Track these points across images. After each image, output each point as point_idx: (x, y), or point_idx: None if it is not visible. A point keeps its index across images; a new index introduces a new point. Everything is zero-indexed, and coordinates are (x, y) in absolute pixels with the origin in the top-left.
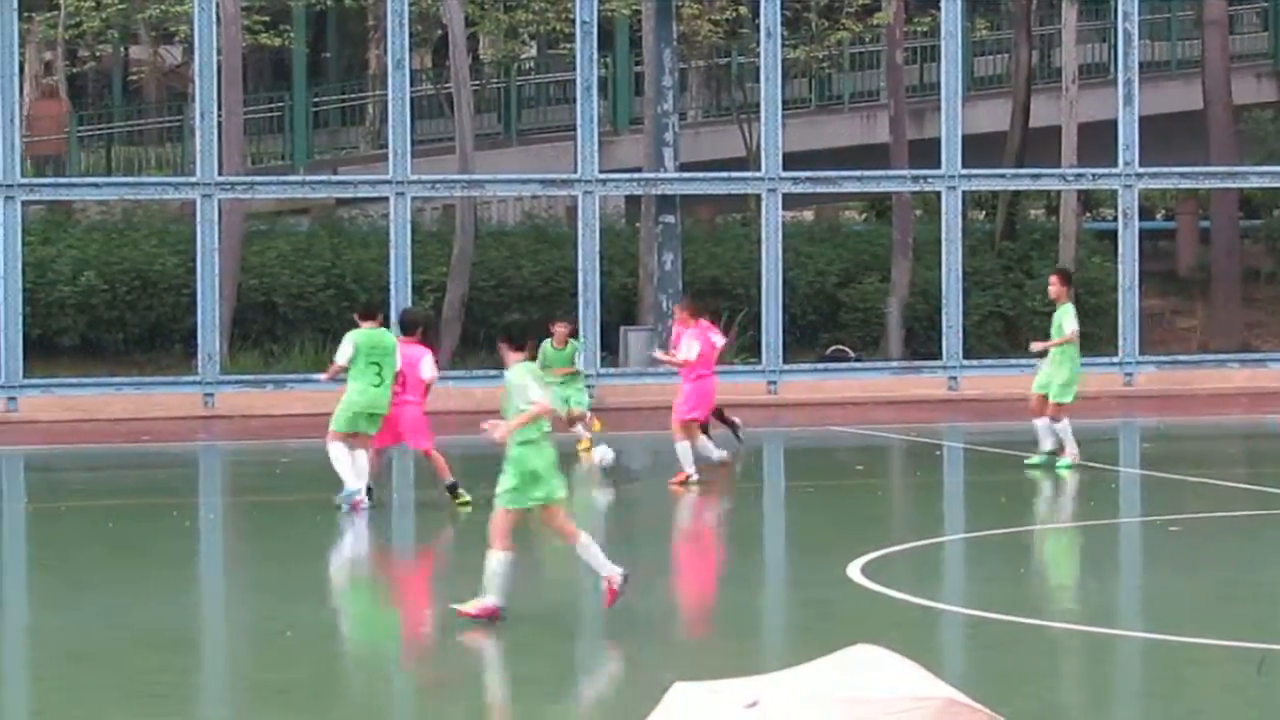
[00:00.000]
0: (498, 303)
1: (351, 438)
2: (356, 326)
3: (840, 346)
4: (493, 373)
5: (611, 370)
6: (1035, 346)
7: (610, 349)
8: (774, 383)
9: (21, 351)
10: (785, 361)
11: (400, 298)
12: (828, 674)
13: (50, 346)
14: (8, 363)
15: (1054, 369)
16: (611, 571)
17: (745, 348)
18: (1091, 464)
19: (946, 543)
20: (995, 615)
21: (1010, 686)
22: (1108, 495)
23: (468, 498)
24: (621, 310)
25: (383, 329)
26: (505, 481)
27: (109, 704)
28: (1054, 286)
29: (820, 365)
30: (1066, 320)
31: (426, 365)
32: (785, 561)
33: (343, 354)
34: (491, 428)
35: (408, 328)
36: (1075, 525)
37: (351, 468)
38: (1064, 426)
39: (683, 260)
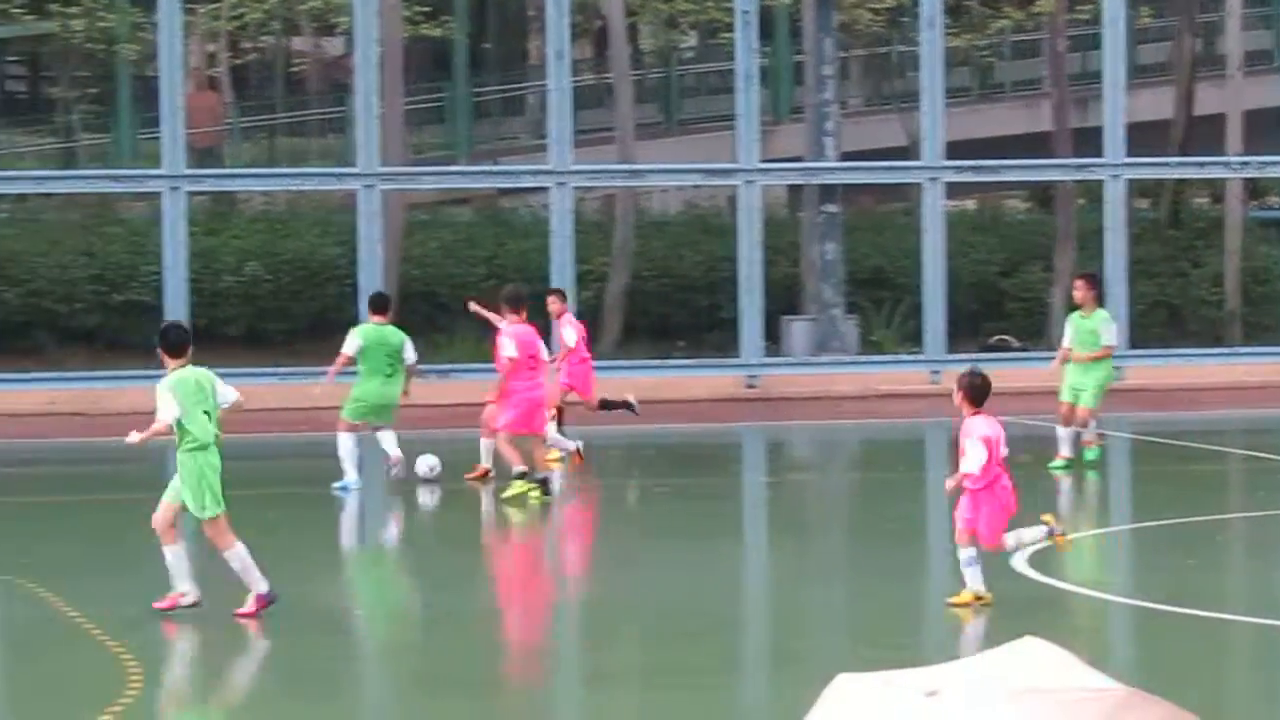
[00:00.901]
0: (659, 293)
1: (358, 427)
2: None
3: (1003, 336)
4: (654, 362)
5: (774, 360)
6: (1076, 358)
7: (773, 338)
8: (937, 372)
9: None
10: (948, 351)
11: (563, 287)
12: (998, 666)
13: (215, 336)
14: None
15: (1083, 376)
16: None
17: (908, 337)
18: (1259, 454)
19: (1113, 533)
20: (1163, 606)
21: (1182, 679)
22: (1277, 487)
23: (530, 489)
24: (783, 300)
25: (391, 325)
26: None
27: (269, 689)
28: (1080, 291)
29: (983, 355)
30: (1106, 332)
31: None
32: (949, 552)
33: (350, 346)
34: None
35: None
36: (1244, 516)
37: (355, 461)
38: (1090, 426)
39: (844, 249)
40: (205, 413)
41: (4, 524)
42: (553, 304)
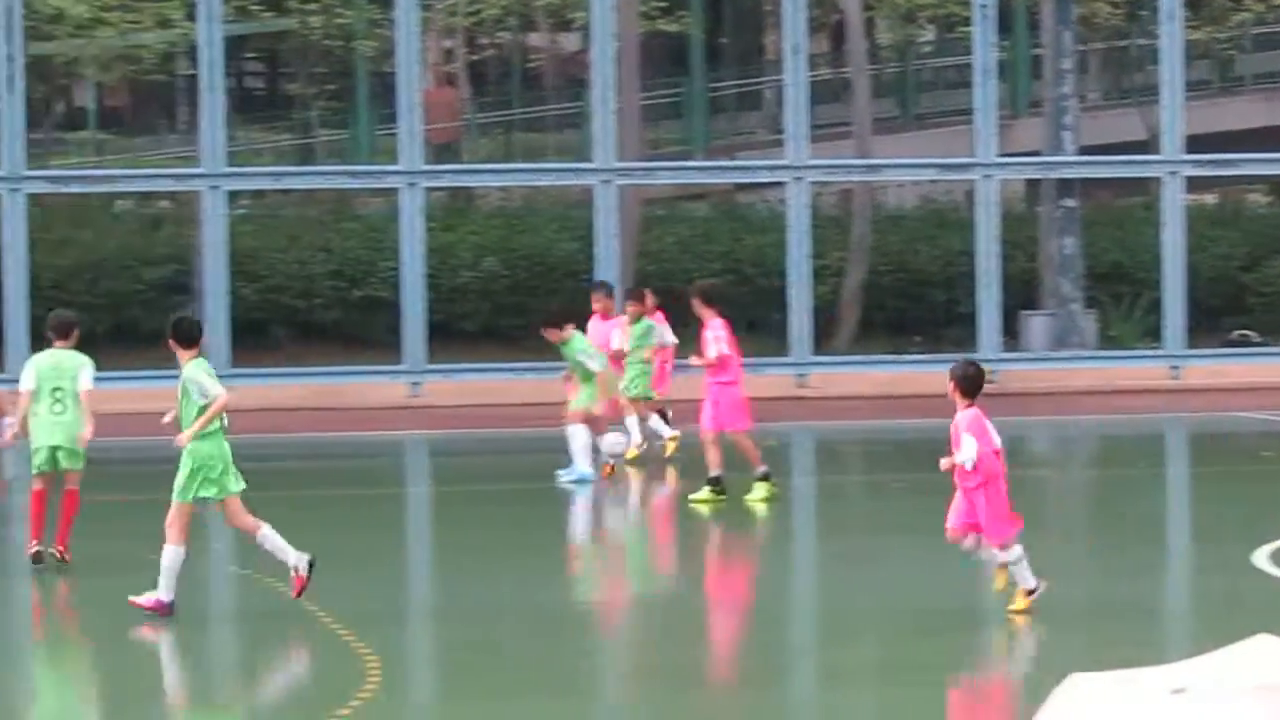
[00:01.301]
0: (895, 287)
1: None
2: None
3: (1245, 331)
4: (891, 358)
5: (1012, 354)
6: None
7: (1010, 333)
8: (1177, 367)
9: (426, 337)
10: (1188, 346)
11: (800, 282)
12: (1234, 663)
13: (452, 332)
14: (412, 348)
15: None
16: (297, 559)
17: (1147, 332)
18: None
19: None
20: None
21: None
22: None
23: (763, 493)
24: (1021, 294)
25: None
26: (180, 476)
27: (515, 687)
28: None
29: (1224, 350)
30: None
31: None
32: (1188, 549)
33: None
34: (172, 425)
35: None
36: None
37: (588, 454)
38: None
39: (1083, 244)
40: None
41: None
42: (598, 303)
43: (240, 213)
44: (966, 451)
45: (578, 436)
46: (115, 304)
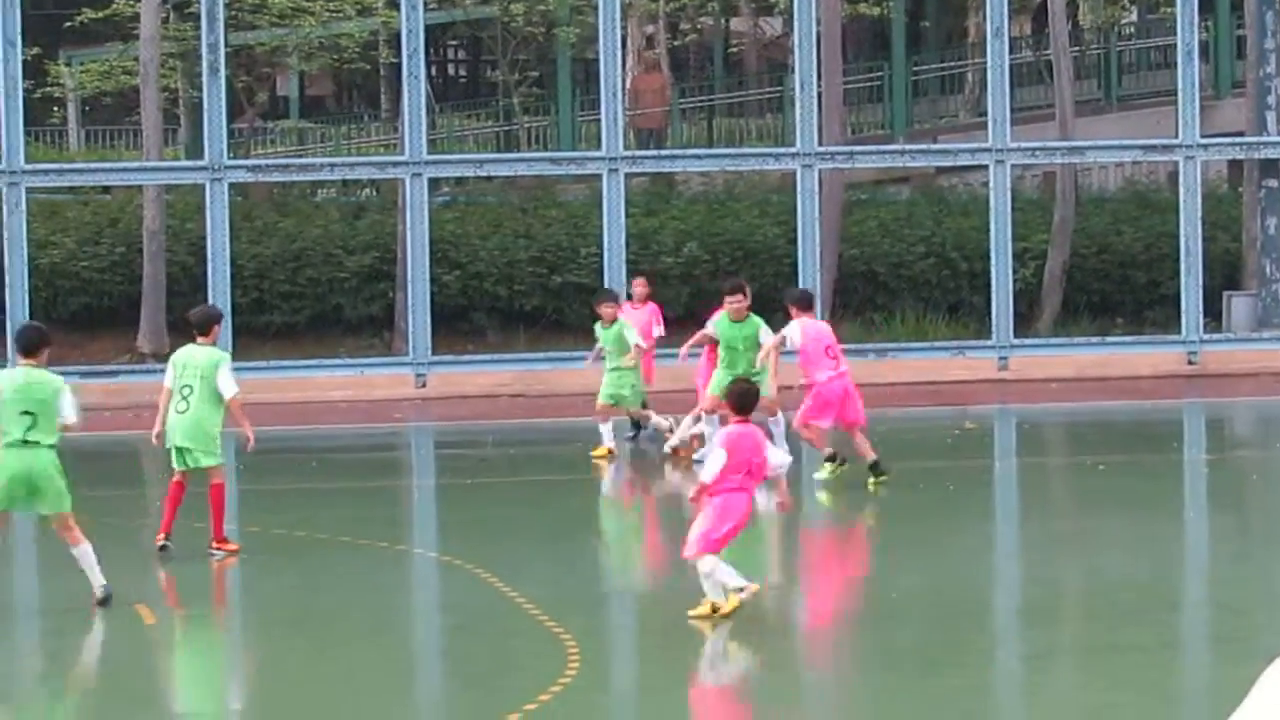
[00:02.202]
0: (1099, 269)
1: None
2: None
3: None
4: (1095, 339)
5: (1215, 336)
6: None
7: (1213, 315)
8: None
9: None
10: None
11: (1002, 265)
12: None
13: None
14: None
15: None
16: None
17: None
18: None
19: None
20: None
21: None
22: None
23: (884, 476)
24: (1225, 275)
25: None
26: None
27: (689, 670)
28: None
29: None
30: None
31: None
32: None
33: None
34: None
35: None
36: None
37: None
38: None
39: None
40: None
41: (446, 506)
42: (639, 288)
43: (442, 200)
44: (708, 468)
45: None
46: (318, 292)
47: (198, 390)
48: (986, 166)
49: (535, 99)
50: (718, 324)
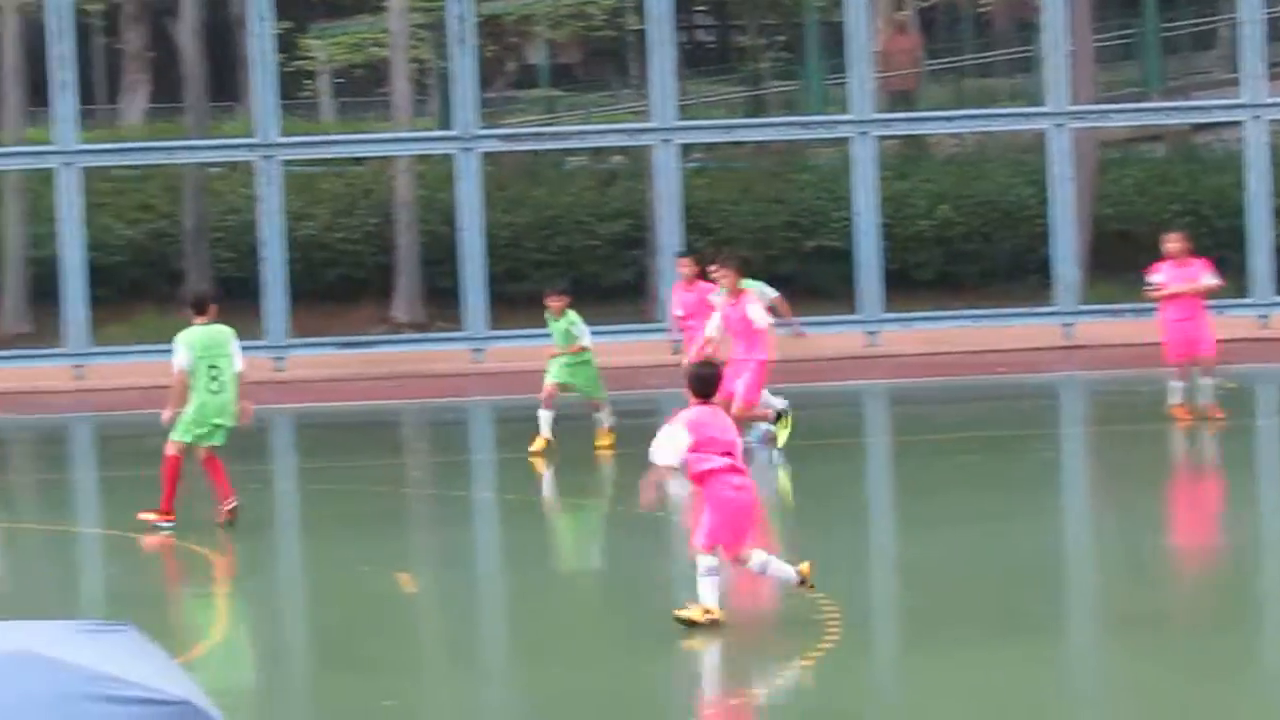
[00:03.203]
0: None
1: None
2: None
3: None
4: None
5: None
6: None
7: None
8: None
9: (881, 286)
10: None
11: (1259, 222)
12: None
13: (908, 281)
14: (868, 297)
15: None
16: None
17: None
18: None
19: None
20: None
21: None
22: None
23: None
24: None
25: None
26: None
27: (976, 636)
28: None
29: None
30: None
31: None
32: None
33: None
34: None
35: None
36: None
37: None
38: None
39: None
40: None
41: None
42: (685, 267)
43: (693, 166)
44: (659, 447)
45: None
46: (570, 260)
47: (225, 368)
48: (1242, 122)
49: (783, 63)
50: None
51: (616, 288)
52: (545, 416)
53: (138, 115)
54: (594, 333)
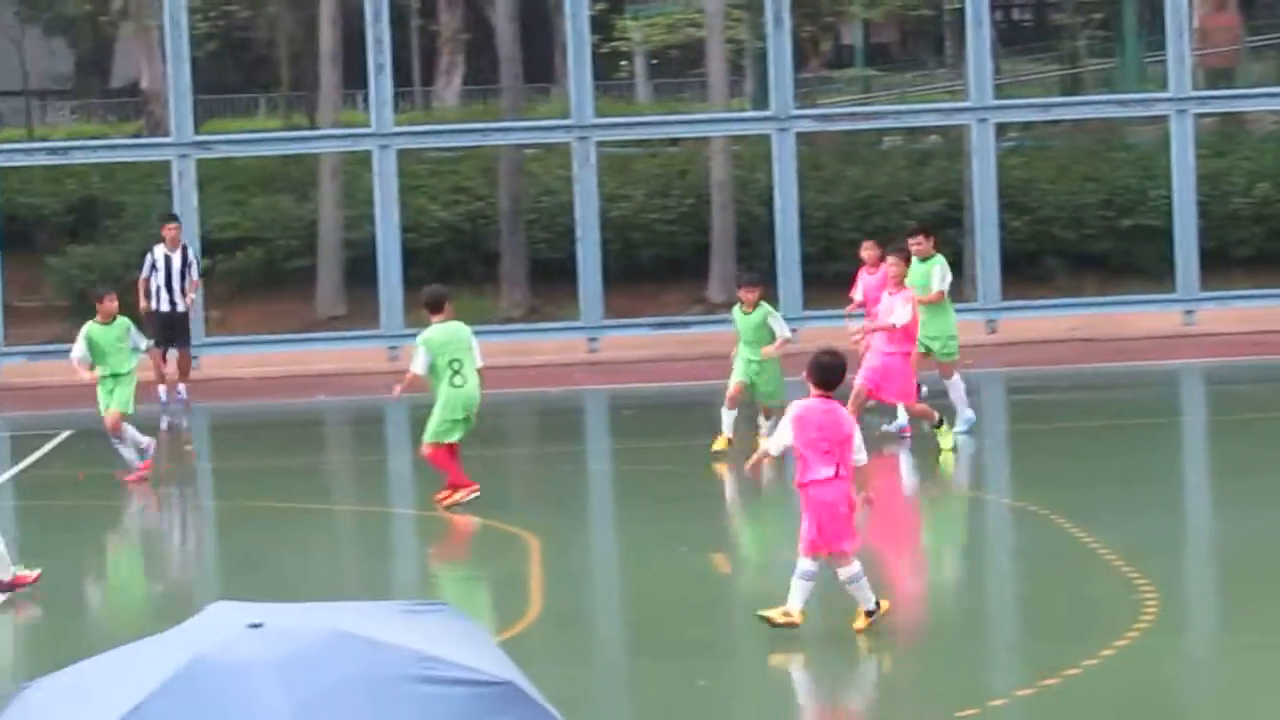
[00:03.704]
0: None
1: None
2: None
3: None
4: None
5: None
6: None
7: None
8: None
9: (1198, 264)
10: None
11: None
12: None
13: (1225, 259)
14: (1185, 276)
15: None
16: None
17: None
18: None
19: None
20: None
21: None
22: None
23: None
24: None
25: None
26: None
27: None
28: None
29: None
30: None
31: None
32: None
33: None
34: None
35: None
36: None
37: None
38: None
39: None
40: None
41: (1020, 452)
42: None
43: (1009, 145)
44: (774, 439)
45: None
46: (886, 240)
47: (466, 363)
48: None
49: (1100, 40)
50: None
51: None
52: (729, 416)
53: (453, 98)
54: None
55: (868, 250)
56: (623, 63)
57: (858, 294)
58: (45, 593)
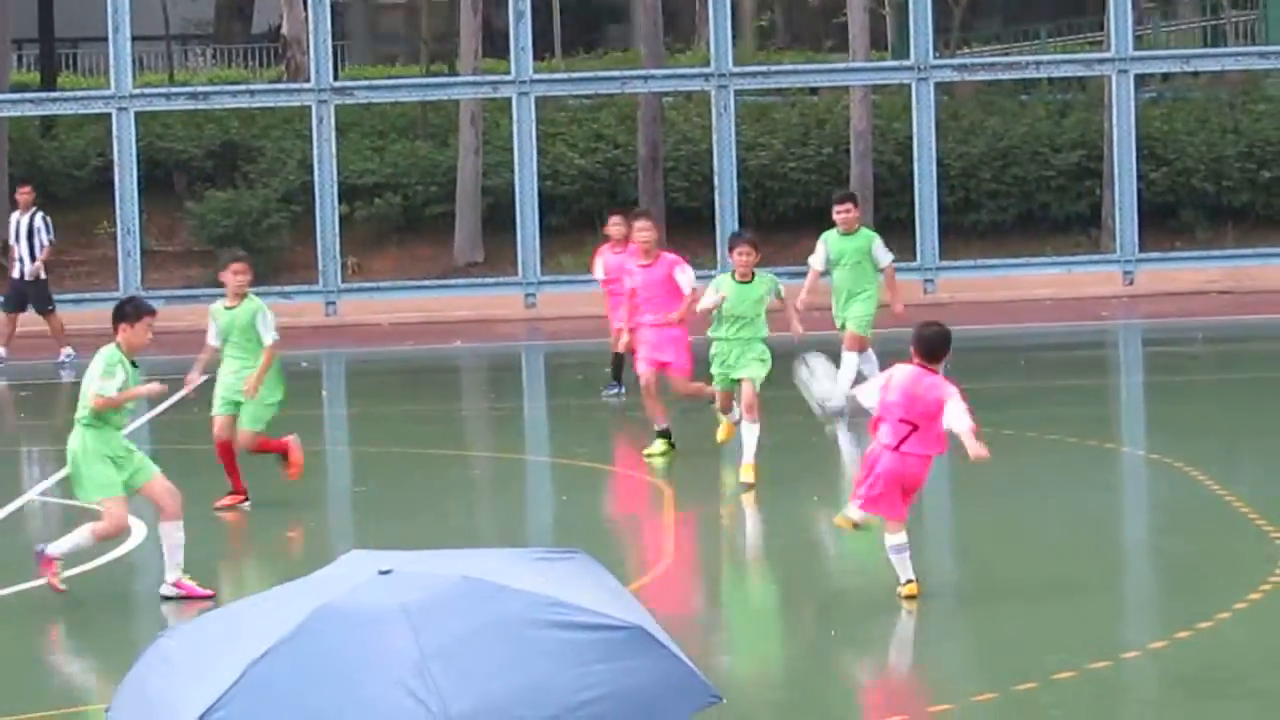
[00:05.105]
0: None
1: None
2: None
3: None
4: None
5: None
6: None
7: None
8: None
9: None
10: None
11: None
12: None
13: None
14: None
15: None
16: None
17: None
18: None
19: None
20: None
21: None
22: None
23: None
24: None
25: None
26: None
27: None
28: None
29: None
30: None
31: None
32: None
33: None
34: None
35: None
36: None
37: None
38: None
39: None
40: None
41: (1154, 404)
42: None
43: (1149, 97)
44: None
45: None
46: (1024, 191)
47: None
48: None
49: None
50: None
51: (1070, 219)
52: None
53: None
54: (1046, 264)
55: (616, 226)
56: (764, 12)
57: (599, 272)
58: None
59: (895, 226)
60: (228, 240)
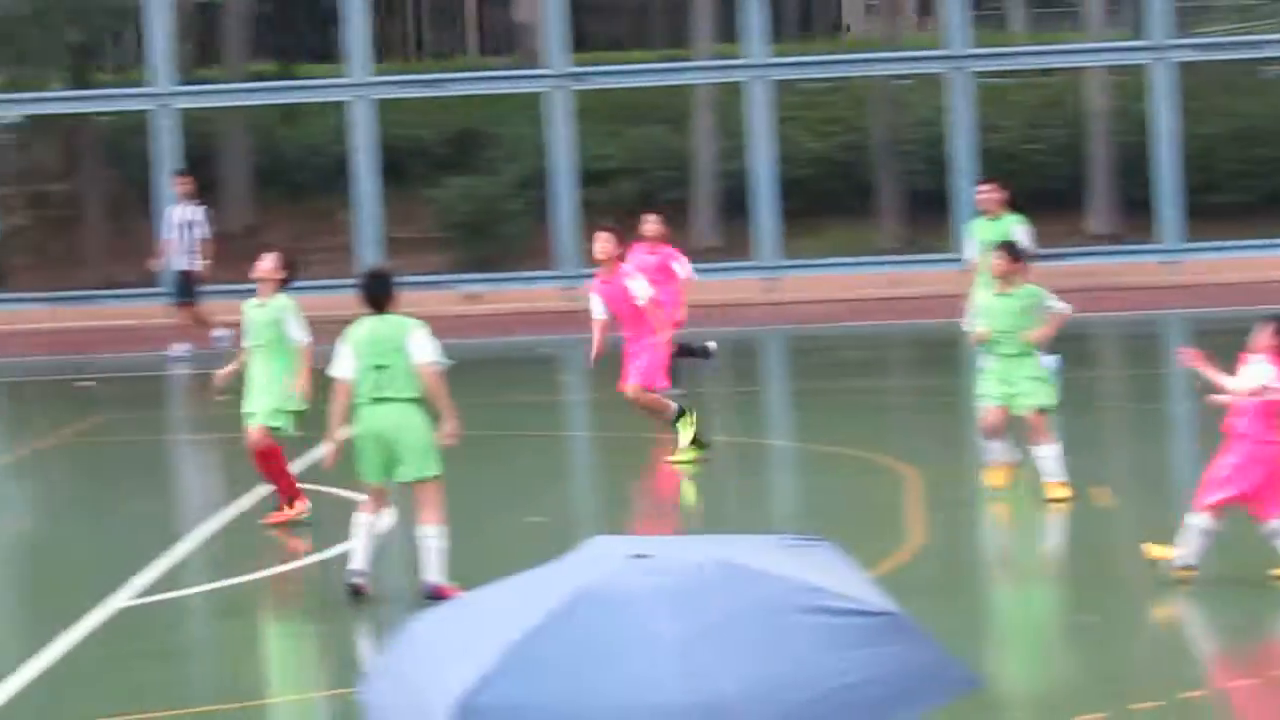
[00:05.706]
0: None
1: None
2: None
3: None
4: None
5: None
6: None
7: None
8: None
9: None
10: None
11: None
12: None
13: None
14: None
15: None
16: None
17: None
18: None
19: None
20: None
21: None
22: None
23: None
24: None
25: None
26: None
27: None
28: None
29: None
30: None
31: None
32: None
33: None
34: None
35: None
36: None
37: None
38: None
39: None
40: None
41: None
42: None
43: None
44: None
45: None
46: (1268, 171)
47: None
48: None
49: None
50: None
51: None
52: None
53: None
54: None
55: (651, 225)
56: None
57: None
58: None
59: (1135, 207)
60: (467, 226)
